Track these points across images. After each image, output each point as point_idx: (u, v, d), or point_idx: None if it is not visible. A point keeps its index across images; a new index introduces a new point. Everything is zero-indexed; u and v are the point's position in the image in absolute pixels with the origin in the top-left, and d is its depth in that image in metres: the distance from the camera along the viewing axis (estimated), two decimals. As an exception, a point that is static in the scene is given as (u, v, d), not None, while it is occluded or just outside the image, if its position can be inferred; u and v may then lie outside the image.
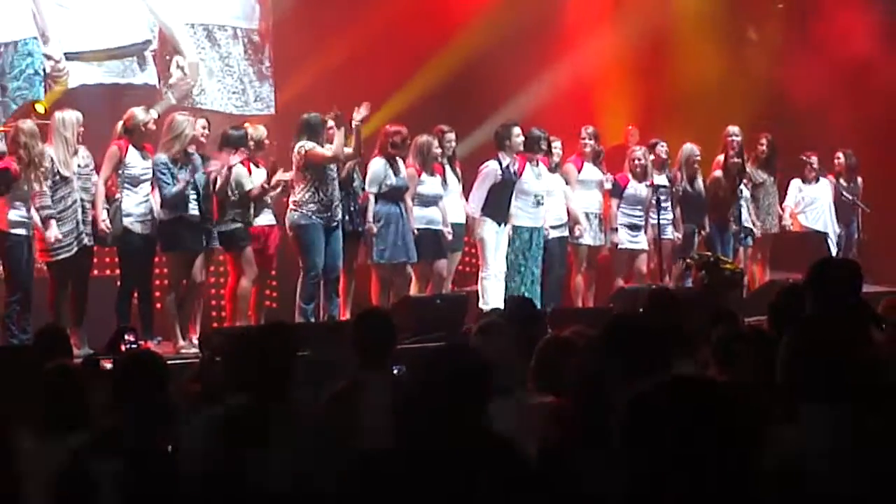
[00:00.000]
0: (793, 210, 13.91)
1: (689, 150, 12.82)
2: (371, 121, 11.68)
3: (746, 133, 13.45)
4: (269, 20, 13.99)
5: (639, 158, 12.57)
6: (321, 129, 10.74)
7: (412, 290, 11.22)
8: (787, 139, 14.00)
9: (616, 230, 12.50)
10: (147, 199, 10.10)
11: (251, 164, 10.78)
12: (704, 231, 12.81)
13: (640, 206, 12.56)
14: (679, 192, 12.71)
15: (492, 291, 11.54)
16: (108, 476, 4.34)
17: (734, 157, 12.98)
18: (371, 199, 10.98)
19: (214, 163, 10.35)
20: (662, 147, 12.77)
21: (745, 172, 13.11)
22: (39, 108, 11.56)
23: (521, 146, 11.72)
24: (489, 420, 3.85)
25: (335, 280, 10.80)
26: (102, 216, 9.94)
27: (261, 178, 10.74)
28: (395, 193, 11.05)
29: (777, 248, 13.88)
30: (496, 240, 11.71)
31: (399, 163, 11.16)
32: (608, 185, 12.52)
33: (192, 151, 10.15)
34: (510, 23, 14.30)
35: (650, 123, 14.33)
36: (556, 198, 12.18)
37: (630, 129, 13.99)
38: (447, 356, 4.03)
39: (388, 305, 10.45)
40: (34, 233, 9.70)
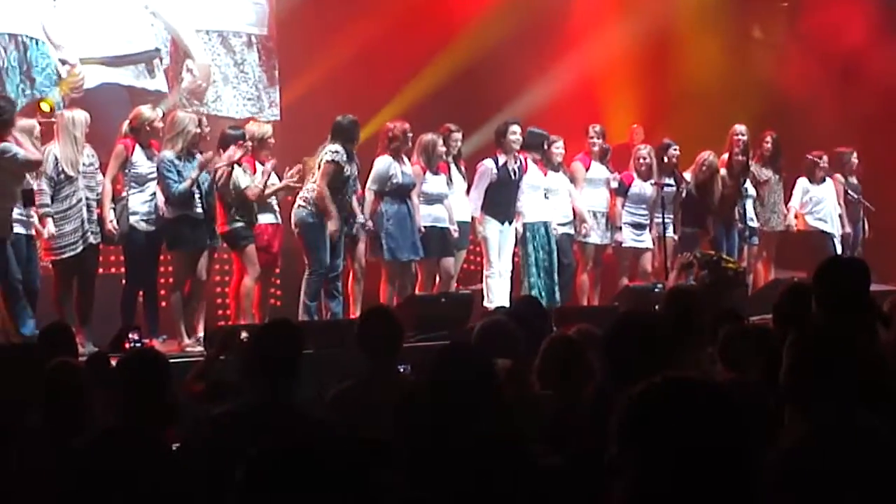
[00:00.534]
0: (798, 210, 13.87)
1: (711, 161, 12.74)
2: (376, 120, 11.70)
3: (751, 131, 13.43)
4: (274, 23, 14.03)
5: (644, 157, 12.55)
6: (355, 133, 10.72)
7: (418, 289, 11.22)
8: (792, 137, 13.97)
9: (620, 229, 12.49)
10: (153, 198, 10.10)
11: (255, 162, 10.77)
12: (709, 234, 12.76)
13: (645, 205, 12.55)
14: (682, 194, 12.68)
15: (496, 290, 11.54)
16: (112, 475, 4.33)
17: (739, 155, 12.94)
18: (369, 197, 10.97)
19: (216, 158, 10.30)
20: (675, 151, 12.72)
21: (749, 171, 13.06)
22: (45, 107, 11.55)
23: (517, 144, 11.71)
24: (502, 418, 3.85)
25: (337, 278, 10.79)
26: (110, 216, 9.93)
27: (264, 177, 10.70)
28: (402, 191, 11.05)
29: (781, 247, 13.86)
30: (499, 238, 11.71)
31: (405, 160, 11.16)
32: (615, 184, 12.52)
33: (195, 151, 10.15)
34: (515, 22, 14.30)
35: (655, 122, 14.32)
36: (561, 196, 12.18)
37: (635, 128, 13.99)
38: (451, 356, 4.03)
39: (395, 303, 10.45)
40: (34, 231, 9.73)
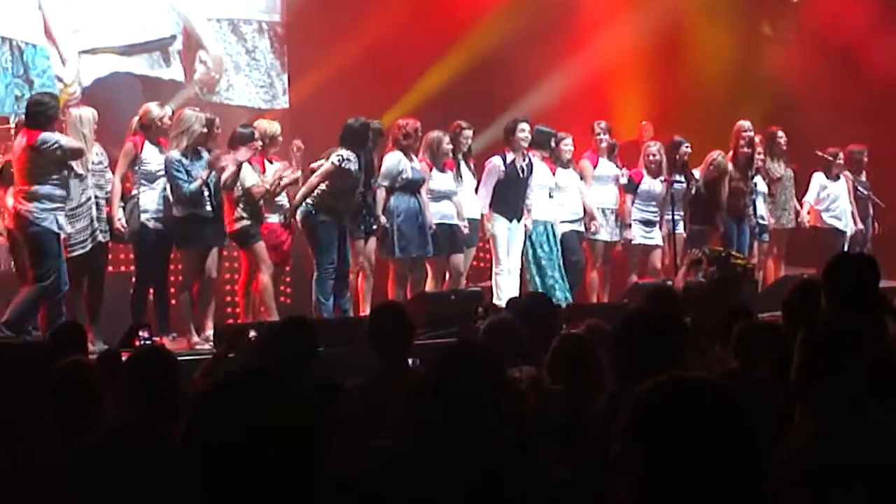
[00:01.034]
0: (812, 206, 13.85)
1: (719, 161, 12.72)
2: (386, 118, 11.70)
3: (760, 127, 13.43)
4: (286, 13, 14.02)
5: (653, 154, 12.55)
6: (365, 136, 10.71)
7: (428, 286, 11.22)
8: (800, 133, 13.96)
9: (630, 226, 12.49)
10: (163, 196, 10.11)
11: (265, 161, 10.78)
12: (718, 231, 12.74)
13: (655, 202, 12.55)
14: (692, 191, 12.67)
15: (505, 287, 11.54)
16: (122, 473, 4.34)
17: (744, 148, 12.94)
18: (381, 194, 10.98)
19: (226, 157, 10.31)
20: (687, 148, 12.70)
21: (754, 165, 13.03)
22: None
23: (526, 142, 11.71)
24: (511, 419, 3.86)
25: (345, 276, 10.79)
26: (118, 215, 9.94)
27: (275, 176, 10.70)
28: (412, 186, 11.05)
29: (791, 244, 13.85)
30: (508, 236, 11.72)
31: (413, 157, 11.17)
32: (623, 181, 12.52)
33: (202, 149, 10.15)
34: (524, 19, 14.29)
35: (664, 119, 14.31)
36: (571, 193, 12.18)
37: (644, 125, 13.98)
38: (457, 354, 4.04)
39: (404, 300, 10.45)
40: None
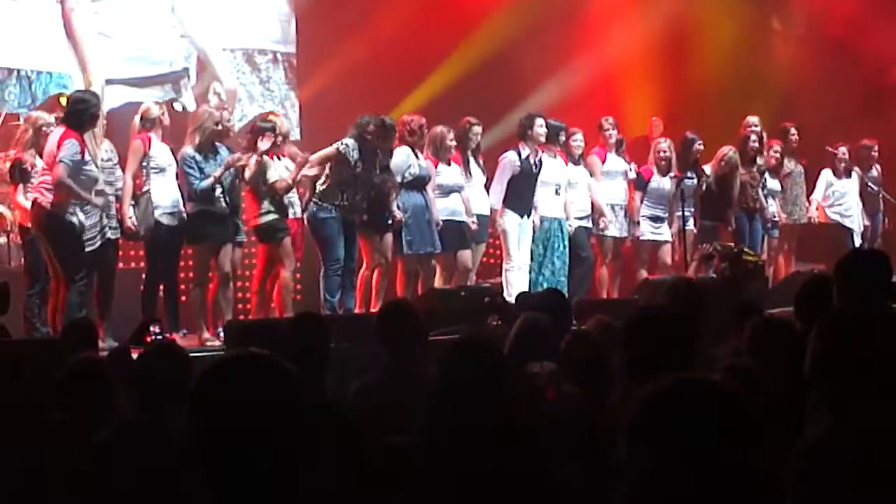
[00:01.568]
0: (820, 203, 13.83)
1: (730, 157, 12.69)
2: (394, 114, 11.69)
3: (770, 123, 13.41)
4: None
5: (664, 151, 12.54)
6: (374, 132, 10.67)
7: (437, 282, 11.23)
8: (810, 129, 13.93)
9: (638, 223, 12.47)
10: (174, 191, 10.13)
11: (274, 157, 10.78)
12: (730, 227, 12.72)
13: (664, 199, 12.53)
14: (703, 188, 12.65)
15: (515, 283, 11.54)
16: (133, 471, 4.34)
17: (752, 143, 12.93)
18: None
19: (245, 156, 10.33)
20: (700, 146, 12.68)
21: (763, 159, 13.01)
22: (64, 102, 11.59)
23: (543, 137, 11.72)
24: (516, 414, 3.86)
25: (351, 272, 10.80)
26: (129, 213, 9.94)
27: (297, 169, 10.70)
28: (419, 183, 11.06)
29: (802, 240, 13.84)
30: (518, 231, 11.71)
31: (419, 153, 11.17)
32: (632, 175, 12.50)
33: (219, 145, 10.18)
34: (533, 15, 14.29)
35: (674, 115, 14.29)
36: (580, 190, 12.18)
37: (654, 121, 13.97)
38: (465, 351, 4.04)
39: (414, 297, 10.45)
40: None
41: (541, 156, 11.78)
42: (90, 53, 12.38)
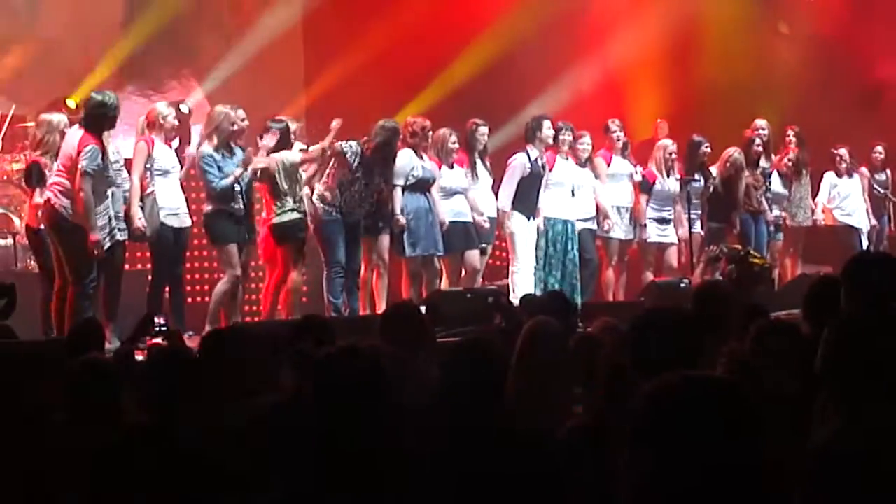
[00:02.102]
0: (825, 205, 13.83)
1: (736, 158, 12.68)
2: (400, 118, 11.70)
3: (777, 126, 13.41)
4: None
5: (671, 151, 12.53)
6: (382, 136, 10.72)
7: (443, 284, 11.22)
8: (819, 132, 13.92)
9: (645, 226, 12.46)
10: (177, 191, 10.14)
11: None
12: (735, 229, 12.71)
13: (670, 200, 12.52)
14: (710, 190, 12.64)
15: (522, 285, 11.52)
16: (140, 473, 4.34)
17: (758, 146, 12.93)
18: (397, 192, 10.97)
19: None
20: (706, 149, 12.68)
21: (763, 163, 13.01)
22: (71, 104, 11.62)
23: (551, 140, 11.71)
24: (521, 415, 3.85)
25: (354, 274, 10.79)
26: (139, 214, 9.94)
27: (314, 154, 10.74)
28: (422, 185, 11.05)
29: (808, 242, 13.82)
30: (526, 233, 11.70)
31: (423, 155, 11.17)
32: (638, 177, 12.50)
33: (234, 145, 10.22)
34: (539, 18, 14.29)
35: (680, 117, 14.28)
36: (586, 192, 12.17)
37: (659, 123, 13.97)
38: (465, 352, 4.04)
39: (418, 299, 10.44)
40: None
41: (544, 159, 11.77)
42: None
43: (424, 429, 3.89)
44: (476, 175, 11.58)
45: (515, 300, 11.09)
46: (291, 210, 10.34)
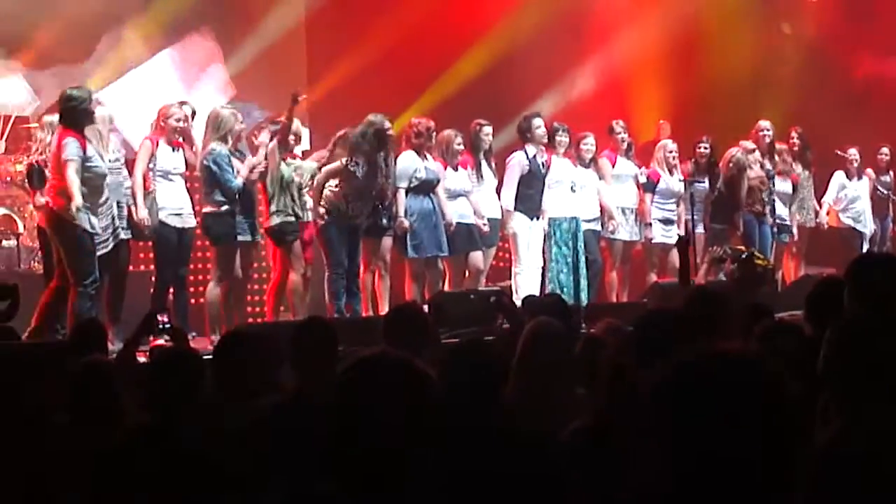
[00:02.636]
0: (831, 206, 13.81)
1: (738, 158, 12.68)
2: (404, 118, 11.69)
3: (781, 127, 13.40)
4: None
5: (670, 151, 12.54)
6: (375, 140, 10.69)
7: (447, 285, 11.21)
8: (823, 133, 13.91)
9: (650, 225, 12.46)
10: (180, 192, 10.15)
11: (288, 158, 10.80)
12: (739, 231, 12.69)
13: (674, 199, 12.52)
14: (715, 192, 12.63)
15: (525, 286, 11.51)
16: (143, 475, 4.33)
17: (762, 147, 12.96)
18: (401, 195, 10.95)
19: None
20: (705, 150, 12.68)
21: (768, 164, 13.00)
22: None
23: (545, 137, 11.70)
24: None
25: (356, 276, 10.78)
26: (143, 212, 9.95)
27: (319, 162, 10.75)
28: (426, 186, 11.04)
29: (811, 243, 13.81)
30: (528, 234, 11.69)
31: (428, 156, 11.16)
32: (643, 179, 12.49)
33: (239, 147, 10.27)
34: (542, 18, 14.29)
35: (682, 118, 14.28)
36: (589, 192, 12.16)
37: (661, 124, 13.97)
38: (465, 353, 4.03)
39: (422, 300, 10.44)
40: None
41: (544, 157, 11.76)
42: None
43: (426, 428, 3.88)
44: (481, 176, 11.58)
45: (519, 301, 11.11)
46: (279, 213, 10.37)
